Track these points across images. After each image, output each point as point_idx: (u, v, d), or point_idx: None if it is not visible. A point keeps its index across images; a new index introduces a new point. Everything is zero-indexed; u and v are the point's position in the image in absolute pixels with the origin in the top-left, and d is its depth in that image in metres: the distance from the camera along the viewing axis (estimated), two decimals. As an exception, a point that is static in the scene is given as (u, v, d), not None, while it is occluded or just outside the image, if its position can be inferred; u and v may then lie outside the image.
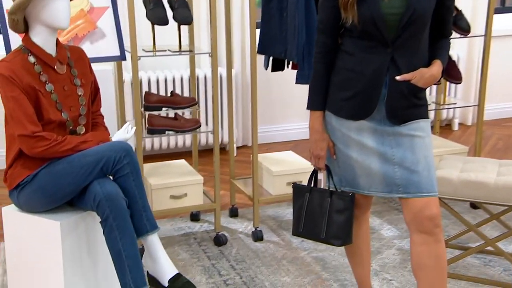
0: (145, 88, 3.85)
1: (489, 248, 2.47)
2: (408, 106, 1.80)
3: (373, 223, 3.04)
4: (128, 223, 1.87)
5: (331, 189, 1.95)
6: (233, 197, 3.19)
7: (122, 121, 2.98)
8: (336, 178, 1.94)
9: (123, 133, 2.08)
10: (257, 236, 2.87)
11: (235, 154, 4.31)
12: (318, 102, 1.88)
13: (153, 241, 1.96)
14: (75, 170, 1.88)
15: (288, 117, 4.55)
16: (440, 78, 1.90)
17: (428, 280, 1.80)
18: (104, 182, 1.88)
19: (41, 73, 1.93)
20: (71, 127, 2.00)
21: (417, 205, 1.78)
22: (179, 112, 2.89)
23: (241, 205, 3.32)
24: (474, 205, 3.20)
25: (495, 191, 2.27)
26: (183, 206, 2.76)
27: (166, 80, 3.97)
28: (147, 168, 2.96)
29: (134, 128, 2.14)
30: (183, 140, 4.12)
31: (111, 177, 1.95)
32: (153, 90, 3.96)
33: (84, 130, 2.04)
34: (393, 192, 1.82)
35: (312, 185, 1.99)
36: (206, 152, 4.40)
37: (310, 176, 2.01)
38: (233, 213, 3.18)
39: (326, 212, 1.92)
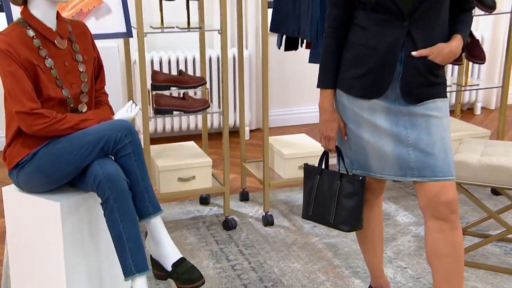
0: (156, 69, 3.78)
1: (510, 236, 2.36)
2: (425, 84, 1.70)
3: (389, 209, 2.95)
4: (129, 205, 1.81)
5: (341, 172, 1.86)
6: (244, 180, 3.13)
7: (128, 101, 2.92)
8: (347, 161, 1.86)
9: (125, 111, 2.02)
10: (267, 221, 2.80)
11: (248, 137, 4.26)
12: (328, 79, 1.79)
13: (156, 224, 1.90)
14: (75, 150, 1.82)
15: (303, 99, 4.45)
16: (460, 55, 1.79)
17: (443, 269, 1.71)
18: (104, 162, 1.82)
19: (40, 47, 1.86)
20: (72, 105, 1.93)
21: (433, 190, 1.69)
22: (189, 92, 2.81)
23: (252, 189, 3.25)
24: (495, 191, 3.08)
25: (518, 176, 2.16)
26: (191, 189, 2.70)
27: (178, 61, 3.90)
28: (154, 149, 2.90)
29: (138, 106, 2.07)
30: (194, 122, 4.06)
31: (113, 157, 1.89)
32: (165, 71, 3.89)
33: (86, 108, 1.98)
34: (407, 176, 1.73)
35: (323, 167, 1.91)
36: (217, 135, 4.33)
37: (321, 158, 1.92)
38: (244, 197, 3.12)
39: (335, 196, 1.84)
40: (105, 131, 1.82)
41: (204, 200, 3.07)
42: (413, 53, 1.66)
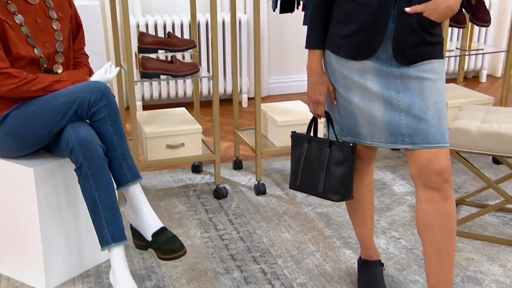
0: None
1: (509, 206, 2.26)
2: (419, 43, 1.56)
3: (385, 178, 2.84)
4: (104, 171, 1.71)
5: (331, 138, 1.75)
6: (237, 148, 3.02)
7: (115, 65, 2.80)
8: (337, 127, 1.74)
9: (103, 73, 1.89)
10: (259, 190, 2.70)
11: (246, 105, 4.14)
12: (316, 39, 1.66)
13: (135, 192, 1.80)
14: (47, 112, 1.71)
15: (303, 67, 4.31)
16: (464, 17, 1.64)
17: (434, 240, 1.61)
18: (78, 126, 1.71)
19: (9, 2, 1.74)
20: (45, 65, 1.82)
21: (424, 158, 1.57)
22: (178, 56, 2.69)
23: (245, 157, 3.15)
24: (496, 160, 2.96)
25: (519, 144, 2.04)
26: (180, 157, 2.60)
27: (173, 26, 3.76)
28: (143, 115, 2.79)
29: (117, 68, 1.95)
30: (183, 88, 3.93)
31: (88, 122, 1.78)
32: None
33: (61, 69, 1.86)
34: (398, 143, 1.61)
35: (311, 134, 1.80)
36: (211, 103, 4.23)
37: (309, 124, 1.81)
38: (237, 166, 3.02)
39: (325, 164, 1.73)
40: (79, 93, 1.71)
41: (196, 168, 2.98)
42: (407, 9, 1.52)
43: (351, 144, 1.69)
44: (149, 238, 1.81)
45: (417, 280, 1.99)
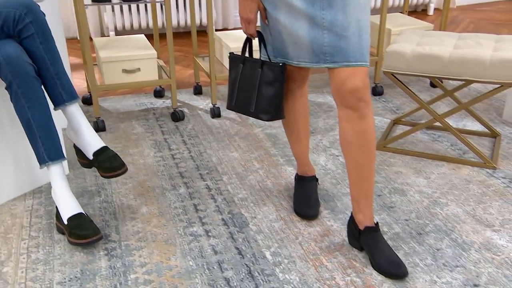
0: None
1: (438, 124, 2.07)
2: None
3: (332, 101, 2.63)
4: (36, 90, 1.47)
5: (263, 59, 1.51)
6: (196, 75, 2.77)
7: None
8: (270, 48, 1.50)
9: None
10: (214, 113, 2.48)
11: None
12: (245, -46, 1.38)
13: (73, 112, 1.57)
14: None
15: None
16: None
17: (353, 158, 1.42)
18: (4, 44, 1.44)
19: None
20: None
21: (341, 76, 1.35)
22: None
23: (205, 83, 2.91)
24: (433, 84, 2.75)
25: (449, 65, 1.82)
26: (136, 81, 2.35)
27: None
28: (102, 41, 2.51)
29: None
30: (145, 20, 3.60)
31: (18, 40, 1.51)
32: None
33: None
34: (321, 62, 1.38)
35: (246, 55, 1.56)
36: (183, 34, 3.93)
37: (243, 46, 1.56)
38: (197, 91, 2.78)
39: (256, 84, 1.50)
40: (2, 8, 1.43)
41: (158, 93, 2.73)
42: None
43: (280, 64, 1.46)
44: (91, 157, 1.61)
45: (348, 193, 1.83)
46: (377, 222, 1.50)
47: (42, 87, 1.53)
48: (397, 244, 1.55)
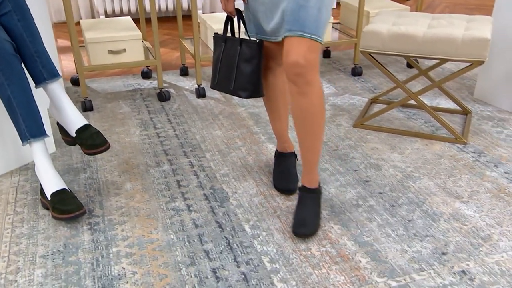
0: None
1: (412, 102, 2.02)
2: None
3: (313, 82, 2.57)
4: (15, 68, 1.39)
5: (241, 37, 1.44)
6: (182, 57, 2.69)
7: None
8: (250, 26, 1.43)
9: None
10: (200, 93, 2.41)
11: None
12: None
13: (54, 90, 1.50)
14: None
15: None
16: None
17: (296, 128, 1.38)
18: (-18, 23, 1.37)
19: None
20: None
21: (286, 47, 1.26)
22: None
23: (192, 65, 2.83)
24: (410, 65, 2.70)
25: (423, 44, 1.76)
26: (122, 62, 2.27)
27: None
28: (88, 23, 2.41)
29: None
30: (144, 3, 3.49)
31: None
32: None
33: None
34: (284, 32, 1.30)
35: (228, 34, 1.48)
36: (173, 17, 3.83)
37: (225, 25, 1.49)
38: (184, 72, 2.70)
39: (235, 62, 1.44)
40: (-22, -12, 1.35)
41: (146, 75, 2.65)
42: None
43: (257, 41, 1.39)
44: (73, 134, 1.54)
45: (327, 168, 1.78)
46: (317, 188, 1.46)
47: (22, 65, 1.45)
48: (371, 216, 1.52)
